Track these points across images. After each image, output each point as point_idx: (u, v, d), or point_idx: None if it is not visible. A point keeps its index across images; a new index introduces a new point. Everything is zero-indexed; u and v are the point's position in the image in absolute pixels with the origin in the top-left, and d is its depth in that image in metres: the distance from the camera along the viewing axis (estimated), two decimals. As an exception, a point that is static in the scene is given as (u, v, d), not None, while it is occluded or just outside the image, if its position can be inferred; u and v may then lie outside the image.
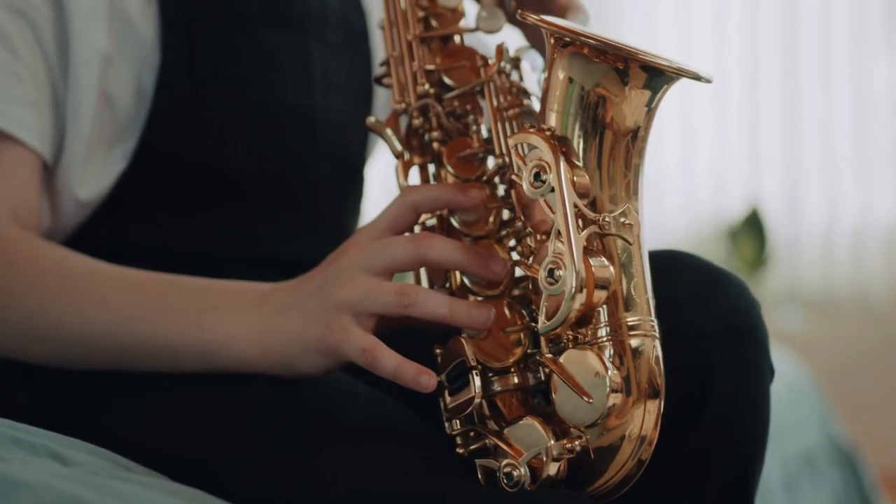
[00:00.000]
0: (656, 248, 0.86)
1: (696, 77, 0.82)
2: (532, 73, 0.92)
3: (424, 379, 0.83)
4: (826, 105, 3.35)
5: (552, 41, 0.83)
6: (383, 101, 1.19)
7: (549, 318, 0.80)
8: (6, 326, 0.95)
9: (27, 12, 0.99)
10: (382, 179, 1.61)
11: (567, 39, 0.81)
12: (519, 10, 0.84)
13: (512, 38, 0.98)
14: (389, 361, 0.84)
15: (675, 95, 0.85)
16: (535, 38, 1.00)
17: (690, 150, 3.42)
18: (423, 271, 0.91)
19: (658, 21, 3.47)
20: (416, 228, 0.90)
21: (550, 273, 0.79)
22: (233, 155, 1.06)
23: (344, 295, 0.86)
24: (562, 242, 0.79)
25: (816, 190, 3.35)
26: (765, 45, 3.38)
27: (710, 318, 0.86)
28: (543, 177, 0.80)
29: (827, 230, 3.34)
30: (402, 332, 0.89)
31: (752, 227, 3.20)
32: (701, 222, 3.38)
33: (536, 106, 0.90)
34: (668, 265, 0.84)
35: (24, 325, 0.94)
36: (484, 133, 0.92)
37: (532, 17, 0.83)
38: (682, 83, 0.83)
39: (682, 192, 3.39)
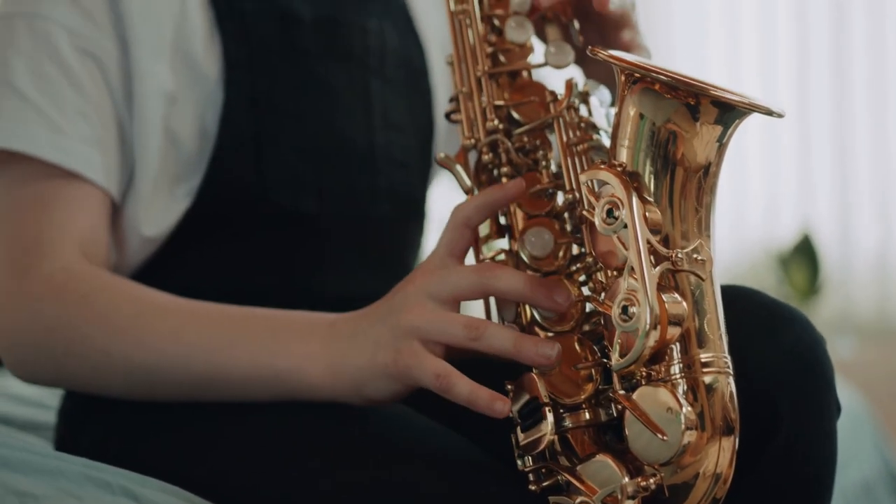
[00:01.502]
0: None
1: (769, 112, 0.82)
2: (600, 108, 0.92)
3: (499, 405, 0.83)
4: (878, 127, 3.32)
5: (623, 77, 0.83)
6: (444, 137, 1.19)
7: (622, 355, 0.80)
8: (79, 359, 0.96)
9: (95, 53, 1.02)
10: (439, 215, 1.61)
11: (638, 75, 0.81)
12: (589, 47, 0.84)
13: (572, 72, 0.98)
14: (464, 387, 0.84)
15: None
16: (596, 74, 1.00)
17: (740, 174, 3.39)
18: (494, 307, 0.90)
19: (707, 44, 3.45)
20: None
21: (624, 310, 0.79)
22: (294, 193, 1.07)
23: (412, 320, 0.86)
24: (635, 279, 0.79)
25: (869, 214, 3.32)
26: (815, 66, 3.36)
27: (774, 355, 0.86)
28: (616, 213, 0.80)
29: (880, 255, 3.31)
30: (470, 363, 0.89)
31: (804, 254, 3.16)
32: (751, 248, 3.35)
33: (605, 141, 0.90)
34: (731, 301, 0.84)
35: (97, 357, 0.95)
36: (553, 168, 0.92)
37: (602, 53, 0.83)
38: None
39: (731, 217, 3.37)
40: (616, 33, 0.96)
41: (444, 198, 1.41)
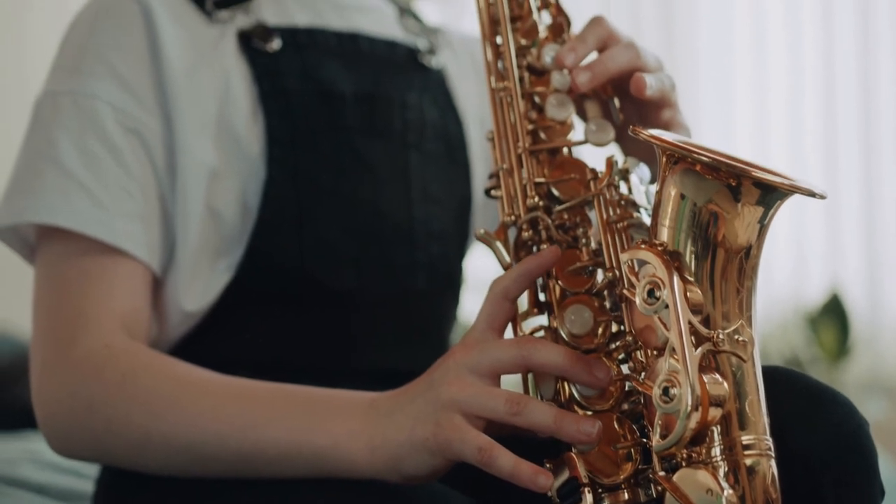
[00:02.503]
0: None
1: (811, 194, 0.82)
2: (640, 185, 0.93)
3: (542, 479, 0.83)
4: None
5: (664, 158, 0.83)
6: (480, 209, 1.20)
7: (663, 436, 0.79)
8: (117, 437, 0.96)
9: (139, 129, 1.03)
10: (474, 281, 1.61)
11: (679, 156, 0.82)
12: (631, 127, 0.84)
13: (610, 147, 0.99)
14: (507, 461, 0.84)
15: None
16: (635, 151, 1.01)
17: (768, 231, 3.37)
18: (531, 385, 0.90)
19: (734, 102, 3.45)
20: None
21: (665, 391, 0.79)
22: (333, 268, 1.08)
23: (452, 393, 0.86)
24: (676, 360, 0.79)
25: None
26: (842, 123, 3.35)
27: (817, 438, 0.85)
28: (657, 293, 0.80)
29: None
30: (509, 439, 0.89)
31: (833, 313, 3.14)
32: (780, 307, 3.33)
33: (645, 218, 0.90)
34: (773, 382, 0.84)
35: (136, 435, 0.95)
36: (593, 245, 0.92)
37: (644, 134, 0.83)
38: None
39: (760, 275, 3.34)
40: (656, 112, 0.96)
41: (480, 264, 1.41)
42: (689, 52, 3.46)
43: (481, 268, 1.39)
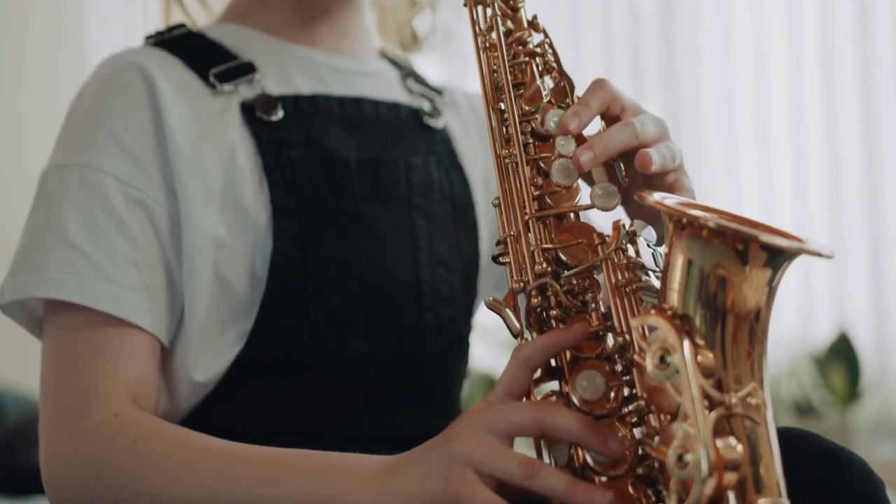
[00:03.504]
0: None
1: (818, 254, 0.82)
2: (648, 248, 0.93)
3: None
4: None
5: (671, 224, 0.83)
6: (487, 270, 1.20)
7: (680, 501, 0.79)
8: None
9: (144, 201, 1.04)
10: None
11: (685, 221, 0.82)
12: (637, 192, 0.85)
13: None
14: None
15: (757, 214, 0.84)
16: (639, 213, 1.01)
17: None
18: (545, 451, 0.90)
19: (738, 153, 3.46)
20: None
21: (680, 458, 0.79)
22: (342, 337, 1.08)
23: (465, 448, 0.85)
24: (689, 425, 0.79)
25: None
26: (846, 161, 3.36)
27: (834, 500, 0.86)
28: (668, 359, 0.80)
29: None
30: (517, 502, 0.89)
31: (841, 355, 3.13)
32: (787, 349, 3.32)
33: (654, 281, 0.90)
34: (789, 445, 0.84)
35: (145, 502, 0.95)
36: (602, 308, 0.92)
37: (650, 200, 0.83)
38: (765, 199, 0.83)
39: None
40: (661, 177, 0.97)
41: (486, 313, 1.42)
42: (692, 106, 3.48)
43: (487, 315, 1.40)
